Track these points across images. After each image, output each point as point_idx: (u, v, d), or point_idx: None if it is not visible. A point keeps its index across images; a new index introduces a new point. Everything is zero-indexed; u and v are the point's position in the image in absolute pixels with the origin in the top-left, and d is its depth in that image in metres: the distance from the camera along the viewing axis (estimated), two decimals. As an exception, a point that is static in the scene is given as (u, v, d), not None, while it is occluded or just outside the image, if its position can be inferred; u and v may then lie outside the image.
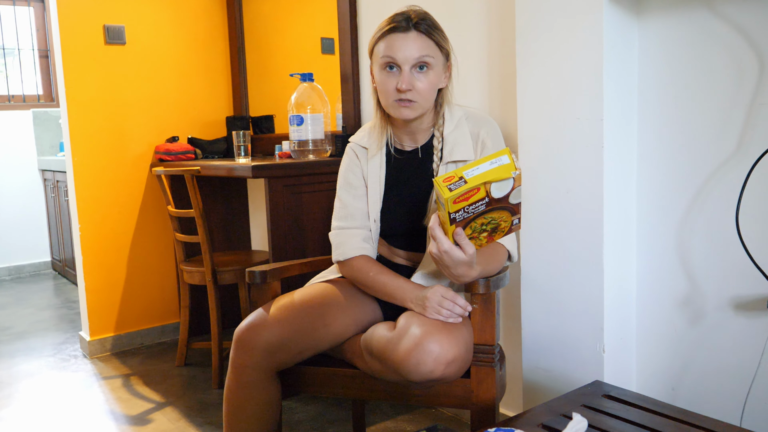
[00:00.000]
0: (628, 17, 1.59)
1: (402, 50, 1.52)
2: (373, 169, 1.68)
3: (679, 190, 1.59)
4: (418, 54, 1.52)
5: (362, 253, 1.64)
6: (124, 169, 3.17)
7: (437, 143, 1.64)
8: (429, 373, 1.35)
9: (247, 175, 2.39)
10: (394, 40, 1.52)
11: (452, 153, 1.61)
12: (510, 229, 1.37)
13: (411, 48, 1.52)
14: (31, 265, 5.19)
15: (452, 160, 1.61)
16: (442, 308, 1.45)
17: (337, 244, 1.67)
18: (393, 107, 1.57)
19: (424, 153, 1.66)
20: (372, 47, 1.59)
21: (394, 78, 1.54)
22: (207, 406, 2.49)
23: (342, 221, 1.69)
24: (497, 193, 1.27)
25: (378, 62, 1.56)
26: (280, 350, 1.52)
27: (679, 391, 1.64)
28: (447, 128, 1.63)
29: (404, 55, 1.52)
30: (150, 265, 3.27)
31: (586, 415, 1.24)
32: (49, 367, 3.01)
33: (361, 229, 1.67)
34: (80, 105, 3.03)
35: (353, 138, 1.75)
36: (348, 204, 1.69)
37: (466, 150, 1.61)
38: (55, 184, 4.72)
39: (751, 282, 1.47)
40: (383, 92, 1.57)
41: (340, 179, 1.74)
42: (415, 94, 1.53)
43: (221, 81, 3.45)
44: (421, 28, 1.52)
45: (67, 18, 2.97)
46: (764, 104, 1.41)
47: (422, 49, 1.52)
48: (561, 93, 1.64)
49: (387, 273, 1.60)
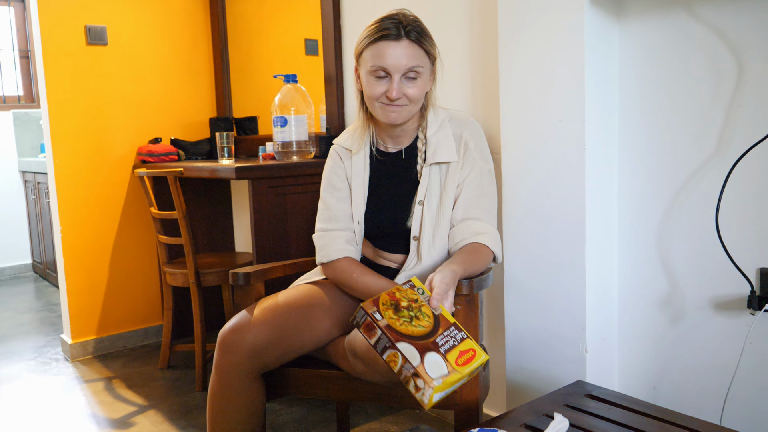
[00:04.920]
0: (608, 19, 1.61)
1: (392, 59, 1.50)
2: (356, 170, 1.68)
3: (660, 191, 1.60)
4: (408, 64, 1.51)
5: (346, 255, 1.64)
6: (106, 170, 3.14)
7: (421, 145, 1.64)
8: None
9: (230, 176, 2.38)
10: (384, 47, 1.51)
11: (435, 154, 1.61)
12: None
13: (401, 57, 1.51)
14: (12, 268, 5.13)
15: (435, 161, 1.61)
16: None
17: (320, 246, 1.67)
18: (381, 111, 1.57)
19: (408, 155, 1.67)
20: (360, 51, 1.57)
21: (384, 85, 1.53)
22: (190, 409, 2.48)
23: (325, 223, 1.69)
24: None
25: (366, 68, 1.55)
26: (264, 352, 1.52)
27: (660, 391, 1.65)
28: (430, 130, 1.63)
29: (395, 64, 1.51)
30: (132, 267, 3.25)
31: (568, 414, 1.24)
32: (30, 371, 2.98)
33: (345, 231, 1.67)
34: (61, 106, 3.00)
35: (337, 140, 1.75)
36: (331, 206, 1.69)
37: (449, 151, 1.61)
38: (36, 185, 4.66)
39: (731, 282, 1.49)
40: (371, 96, 1.56)
41: (324, 181, 1.74)
42: (405, 100, 1.54)
43: (204, 82, 3.43)
44: (411, 37, 1.51)
45: (48, 18, 2.94)
46: (742, 106, 1.43)
47: (413, 59, 1.52)
48: (543, 94, 1.65)
49: (370, 275, 1.61)
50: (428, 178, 1.62)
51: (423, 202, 1.62)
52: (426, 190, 1.62)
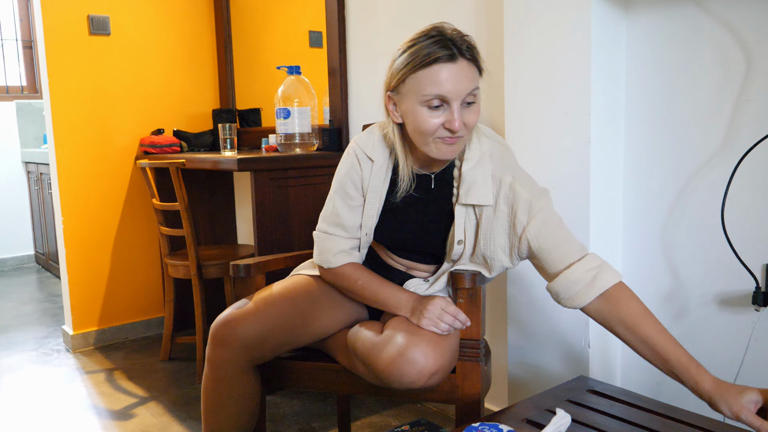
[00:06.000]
0: (616, 12, 1.59)
1: (451, 84, 1.28)
2: (375, 182, 1.50)
3: (665, 186, 1.59)
4: (469, 87, 1.30)
5: (349, 261, 1.55)
6: (108, 161, 3.13)
7: (456, 183, 1.46)
8: (410, 384, 1.33)
9: (232, 168, 2.37)
10: (438, 72, 1.28)
11: (468, 194, 1.42)
12: None
13: (461, 80, 1.29)
14: (14, 259, 5.13)
15: (468, 202, 1.42)
16: (441, 321, 1.39)
17: (321, 250, 1.56)
18: (438, 147, 1.35)
19: (438, 182, 1.50)
20: (402, 79, 1.33)
21: (441, 115, 1.31)
22: (191, 401, 2.48)
23: (330, 228, 1.55)
24: None
25: (415, 98, 1.32)
26: (256, 345, 1.49)
27: (663, 387, 1.65)
28: (467, 164, 1.42)
29: (456, 90, 1.29)
30: (134, 258, 3.24)
31: (570, 410, 1.23)
32: (32, 362, 2.98)
33: (350, 239, 1.55)
34: (64, 96, 2.99)
35: (359, 141, 1.52)
36: (340, 213, 1.53)
37: (485, 193, 1.41)
38: (38, 176, 4.66)
39: (736, 278, 1.48)
40: (425, 131, 1.33)
41: (336, 182, 1.55)
42: (464, 130, 1.33)
43: (208, 73, 3.42)
44: (467, 55, 1.30)
45: (50, 8, 2.93)
46: (750, 100, 1.41)
47: (472, 81, 1.31)
48: (548, 87, 1.64)
49: (377, 281, 1.53)
50: (464, 217, 1.45)
51: (463, 242, 1.47)
52: (464, 230, 1.47)
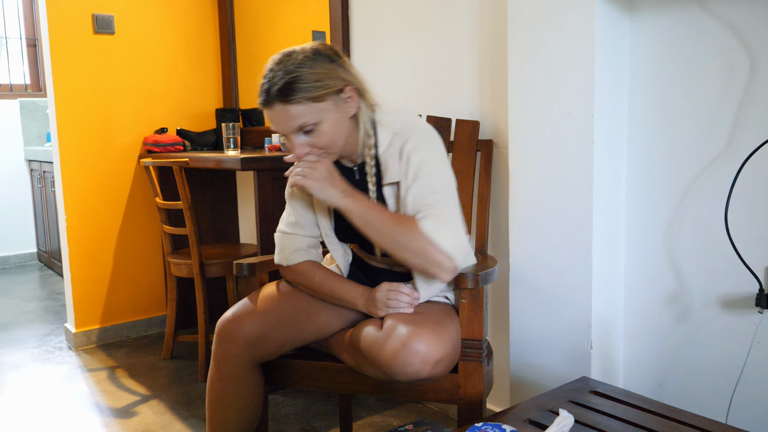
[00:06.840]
0: (620, 13, 1.59)
1: (277, 125, 1.42)
2: None
3: (669, 188, 1.59)
4: (293, 126, 1.40)
5: (307, 259, 1.60)
6: (111, 160, 3.14)
7: (369, 169, 1.52)
8: (416, 374, 1.34)
9: (236, 167, 2.37)
10: (267, 113, 1.42)
11: (386, 175, 1.49)
12: None
13: (283, 122, 1.40)
14: (17, 257, 5.14)
15: (386, 182, 1.49)
16: (390, 301, 1.45)
17: (280, 248, 1.61)
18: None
19: (360, 174, 1.57)
20: None
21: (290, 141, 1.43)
22: (193, 399, 2.48)
23: (289, 227, 1.61)
24: None
25: None
26: (261, 342, 1.50)
27: (665, 388, 1.64)
28: (381, 147, 1.49)
29: (282, 129, 1.41)
30: (137, 257, 3.25)
31: (572, 410, 1.24)
32: (34, 359, 2.99)
33: (307, 237, 1.61)
34: (68, 95, 3.00)
35: None
36: (297, 211, 1.61)
37: (394, 171, 1.48)
38: (42, 174, 4.67)
39: (739, 280, 1.47)
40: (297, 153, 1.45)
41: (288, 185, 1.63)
42: (316, 150, 1.43)
43: (211, 72, 3.42)
44: (283, 99, 1.37)
45: (55, 6, 2.94)
46: (754, 102, 1.41)
47: (296, 118, 1.39)
48: (552, 88, 1.64)
49: (333, 278, 1.57)
50: (394, 197, 1.51)
51: None
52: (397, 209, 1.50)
